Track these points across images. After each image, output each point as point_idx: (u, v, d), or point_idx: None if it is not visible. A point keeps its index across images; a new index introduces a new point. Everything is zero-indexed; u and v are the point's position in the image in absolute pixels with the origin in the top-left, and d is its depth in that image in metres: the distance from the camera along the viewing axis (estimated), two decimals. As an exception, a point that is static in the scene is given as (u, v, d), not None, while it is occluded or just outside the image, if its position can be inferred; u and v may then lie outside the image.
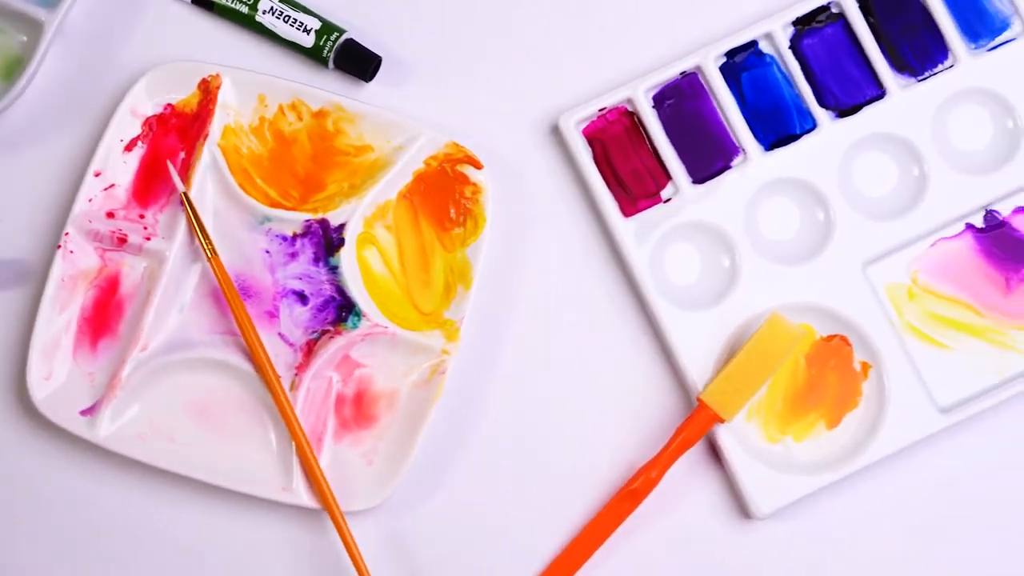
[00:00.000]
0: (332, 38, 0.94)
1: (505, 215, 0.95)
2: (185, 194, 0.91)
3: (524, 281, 0.95)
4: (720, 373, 0.91)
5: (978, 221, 0.94)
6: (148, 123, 0.93)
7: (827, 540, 0.93)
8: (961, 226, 0.94)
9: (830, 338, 0.93)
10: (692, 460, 0.93)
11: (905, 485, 0.93)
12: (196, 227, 0.91)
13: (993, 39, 0.95)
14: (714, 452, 0.93)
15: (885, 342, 0.92)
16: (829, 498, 0.93)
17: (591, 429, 0.93)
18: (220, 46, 0.95)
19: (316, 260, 0.92)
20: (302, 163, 0.94)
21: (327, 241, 0.92)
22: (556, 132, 0.95)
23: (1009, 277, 0.93)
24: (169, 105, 0.94)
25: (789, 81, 0.95)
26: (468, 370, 0.94)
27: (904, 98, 0.94)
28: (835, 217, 0.93)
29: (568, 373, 0.94)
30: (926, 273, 0.94)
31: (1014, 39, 0.95)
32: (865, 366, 0.93)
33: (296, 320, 0.92)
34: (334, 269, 0.92)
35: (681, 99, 0.95)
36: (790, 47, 0.95)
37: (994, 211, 0.94)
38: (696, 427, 0.91)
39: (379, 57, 0.93)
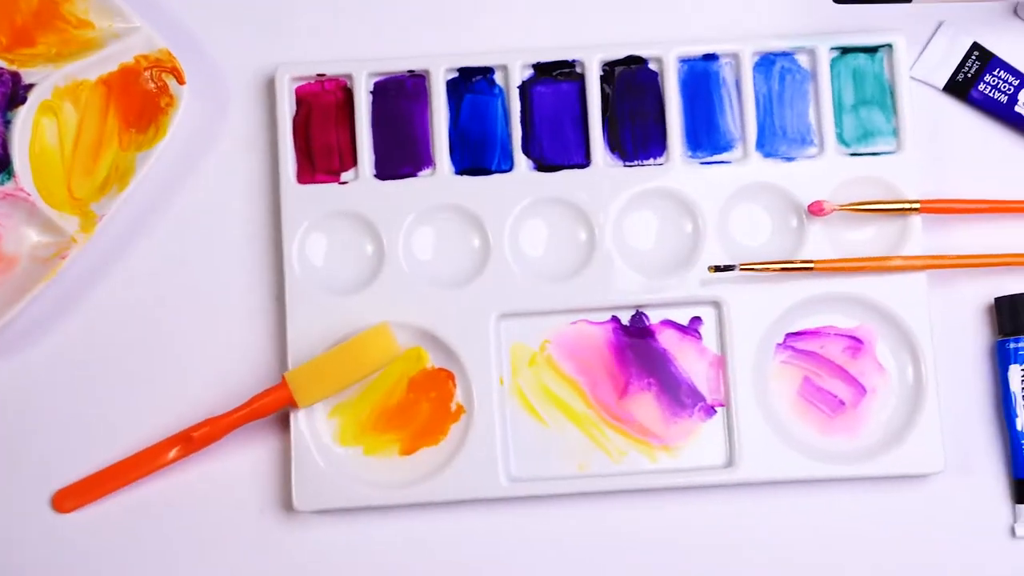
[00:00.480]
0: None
1: (190, 138, 0.95)
2: None
3: (179, 207, 0.95)
4: (311, 360, 0.91)
5: (625, 318, 0.93)
6: None
7: (365, 555, 0.93)
8: (608, 316, 0.93)
9: (439, 370, 0.93)
10: (271, 439, 0.93)
11: (461, 534, 0.93)
12: None
13: (711, 155, 0.94)
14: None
15: (487, 395, 0.92)
16: (382, 519, 0.93)
17: (188, 371, 0.94)
18: None
19: (-5, 108, 0.93)
20: (23, 14, 0.95)
21: (12, 94, 0.93)
22: (272, 83, 0.96)
23: (629, 382, 0.93)
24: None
25: (506, 119, 0.95)
26: (93, 266, 0.94)
27: (604, 175, 0.94)
28: (490, 261, 0.93)
29: (184, 310, 0.94)
30: (556, 346, 0.93)
31: (729, 162, 0.94)
32: (460, 409, 0.93)
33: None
34: (8, 123, 0.93)
35: (400, 95, 0.95)
36: (520, 87, 0.95)
37: (644, 315, 0.93)
38: (270, 401, 0.91)
39: None
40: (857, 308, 0.93)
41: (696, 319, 0.93)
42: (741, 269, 0.90)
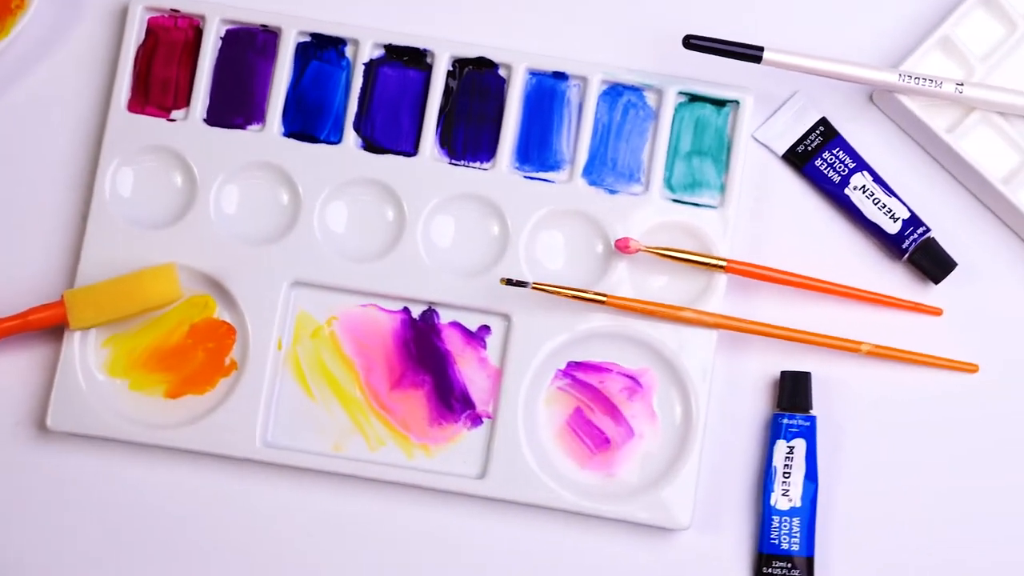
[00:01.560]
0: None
1: (34, 46, 0.96)
2: None
3: (6, 108, 0.95)
4: (93, 285, 0.91)
5: (416, 312, 0.93)
6: None
7: (110, 487, 0.93)
8: (400, 306, 0.93)
9: (223, 323, 0.93)
10: (45, 357, 0.93)
11: (208, 488, 0.93)
12: None
13: (537, 171, 0.94)
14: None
15: (262, 356, 0.92)
16: (134, 455, 0.93)
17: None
18: None
19: None
20: None
21: None
22: (127, 9, 0.96)
23: (404, 375, 0.93)
24: None
25: (347, 93, 0.95)
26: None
27: (427, 168, 0.94)
28: (296, 227, 0.93)
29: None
30: (342, 324, 0.93)
31: (553, 182, 0.94)
32: (233, 365, 0.93)
33: None
34: None
35: (249, 47, 0.95)
36: (367, 64, 0.95)
37: (436, 313, 0.93)
38: (44, 316, 0.91)
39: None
40: (644, 352, 0.92)
41: (484, 328, 0.93)
42: (533, 287, 0.90)
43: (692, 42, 0.91)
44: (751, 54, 0.91)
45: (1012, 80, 0.94)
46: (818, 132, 0.95)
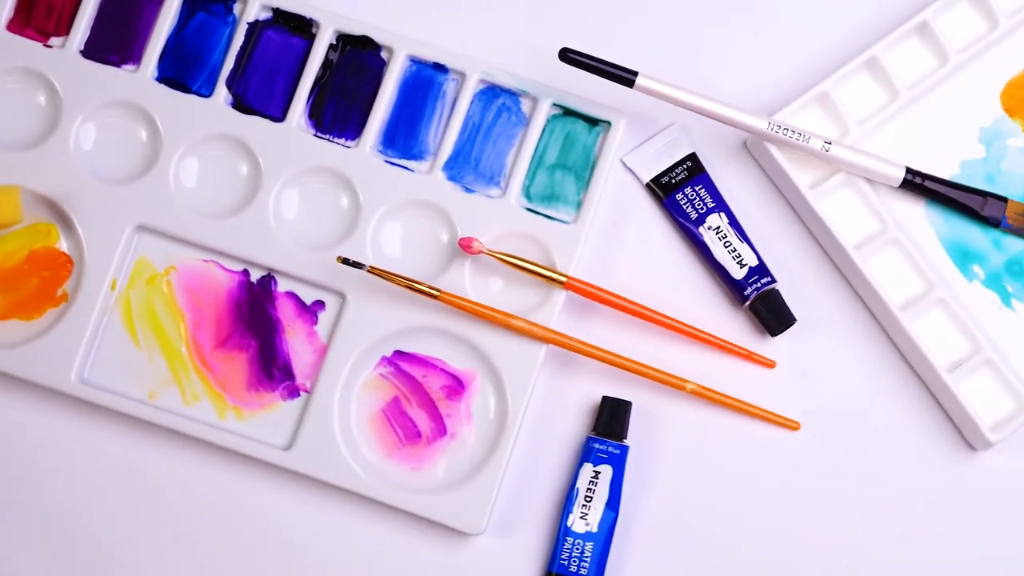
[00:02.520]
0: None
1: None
2: None
3: None
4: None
5: (255, 275, 0.93)
6: None
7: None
8: (240, 267, 0.93)
9: (62, 254, 0.93)
10: None
11: (18, 414, 0.93)
12: None
13: (399, 157, 0.94)
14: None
15: (94, 293, 0.92)
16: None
17: None
18: None
19: None
20: None
21: None
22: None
23: (231, 336, 0.93)
24: None
25: (226, 49, 0.95)
26: None
27: (291, 137, 0.94)
28: (152, 171, 0.93)
29: None
30: (179, 275, 0.93)
31: (412, 171, 0.94)
32: (64, 297, 0.93)
33: None
34: None
35: (140, -12, 0.96)
36: (252, 24, 0.95)
37: (275, 280, 0.93)
38: None
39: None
40: (471, 354, 0.92)
41: (319, 303, 0.93)
42: (369, 270, 0.90)
43: (569, 56, 0.91)
44: (624, 77, 0.91)
45: (886, 147, 0.94)
46: (685, 167, 0.95)
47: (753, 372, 0.94)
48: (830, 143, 0.92)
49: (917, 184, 0.93)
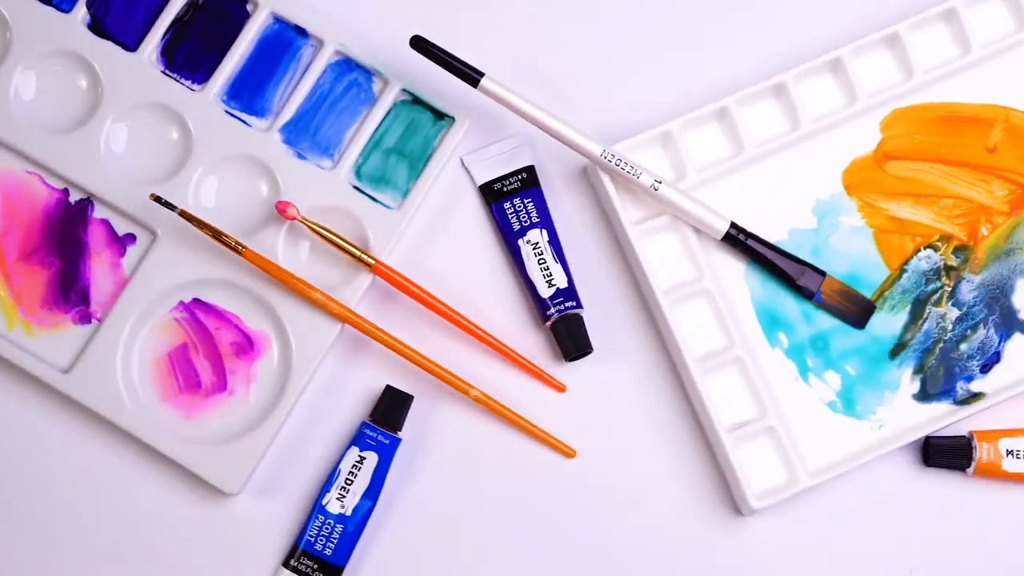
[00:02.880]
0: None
1: None
2: None
3: None
4: None
5: (75, 196, 0.93)
6: None
7: None
8: (63, 185, 0.94)
9: None
10: None
11: None
12: None
13: (239, 110, 0.94)
14: None
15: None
16: None
17: None
18: None
19: None
20: None
21: None
22: None
23: (36, 251, 0.93)
24: None
25: (97, -30, 0.95)
26: None
27: (138, 68, 0.94)
28: (-10, 72, 0.93)
29: None
30: None
31: (249, 126, 0.94)
32: None
33: None
34: None
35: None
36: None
37: (92, 204, 0.93)
38: None
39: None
40: (267, 317, 0.92)
41: (130, 236, 0.93)
42: (180, 213, 0.90)
43: (420, 44, 0.91)
44: (470, 75, 0.91)
45: (720, 199, 0.94)
46: (520, 177, 0.95)
47: (544, 393, 0.94)
48: (660, 183, 0.92)
49: (740, 240, 0.92)
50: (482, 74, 0.91)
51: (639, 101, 0.96)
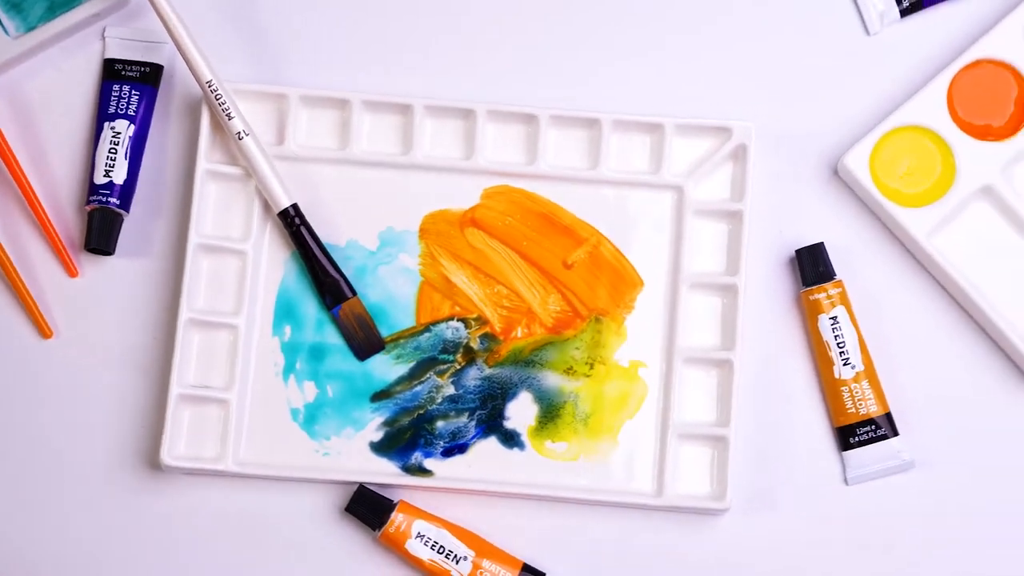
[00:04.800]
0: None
1: None
2: None
3: None
4: None
5: None
6: None
7: None
8: None
9: None
10: None
11: None
12: None
13: None
14: None
15: None
16: None
17: None
18: None
19: None
20: None
21: None
22: None
23: None
24: None
25: None
26: None
27: None
28: None
29: None
30: None
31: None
32: None
33: None
34: None
35: None
36: None
37: None
38: None
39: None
40: None
41: None
42: None
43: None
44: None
45: (310, 182, 0.94)
46: (143, 70, 0.95)
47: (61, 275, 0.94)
48: (247, 135, 0.92)
49: (293, 225, 0.92)
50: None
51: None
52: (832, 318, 0.92)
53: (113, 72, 0.95)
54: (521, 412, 0.93)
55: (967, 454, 0.93)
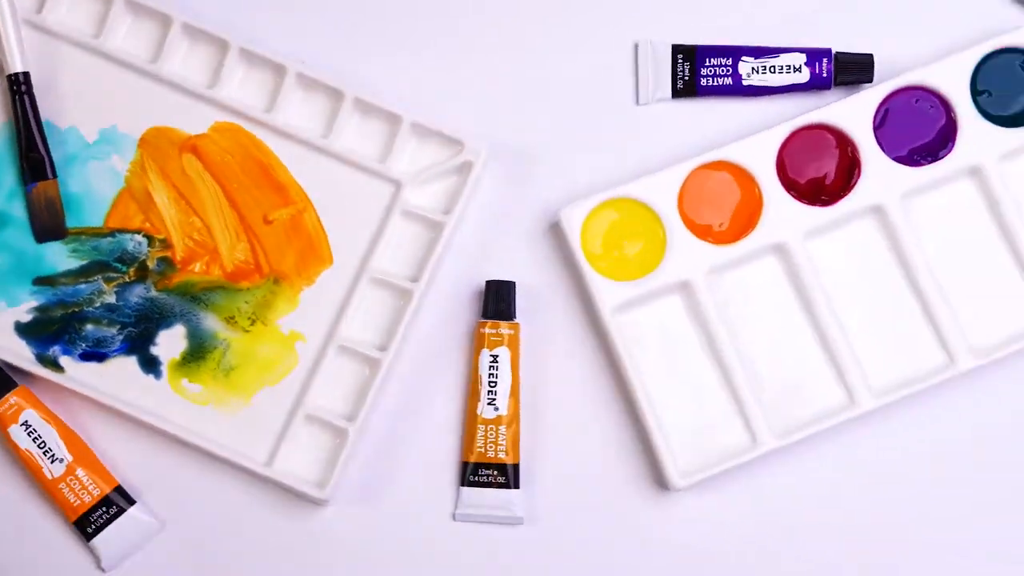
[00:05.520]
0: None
1: None
2: None
3: None
4: None
5: None
6: None
7: None
8: None
9: None
10: None
11: None
12: None
13: None
14: None
15: None
16: None
17: None
18: None
19: None
20: None
21: None
22: None
23: None
24: None
25: None
26: None
27: None
28: None
29: None
30: None
31: None
32: None
33: None
34: None
35: None
36: None
37: None
38: None
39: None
40: None
41: None
42: None
43: None
44: None
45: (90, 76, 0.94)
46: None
47: None
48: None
49: (17, 91, 0.93)
50: None
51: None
52: (493, 356, 0.92)
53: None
54: (170, 343, 0.93)
55: (579, 531, 0.92)
